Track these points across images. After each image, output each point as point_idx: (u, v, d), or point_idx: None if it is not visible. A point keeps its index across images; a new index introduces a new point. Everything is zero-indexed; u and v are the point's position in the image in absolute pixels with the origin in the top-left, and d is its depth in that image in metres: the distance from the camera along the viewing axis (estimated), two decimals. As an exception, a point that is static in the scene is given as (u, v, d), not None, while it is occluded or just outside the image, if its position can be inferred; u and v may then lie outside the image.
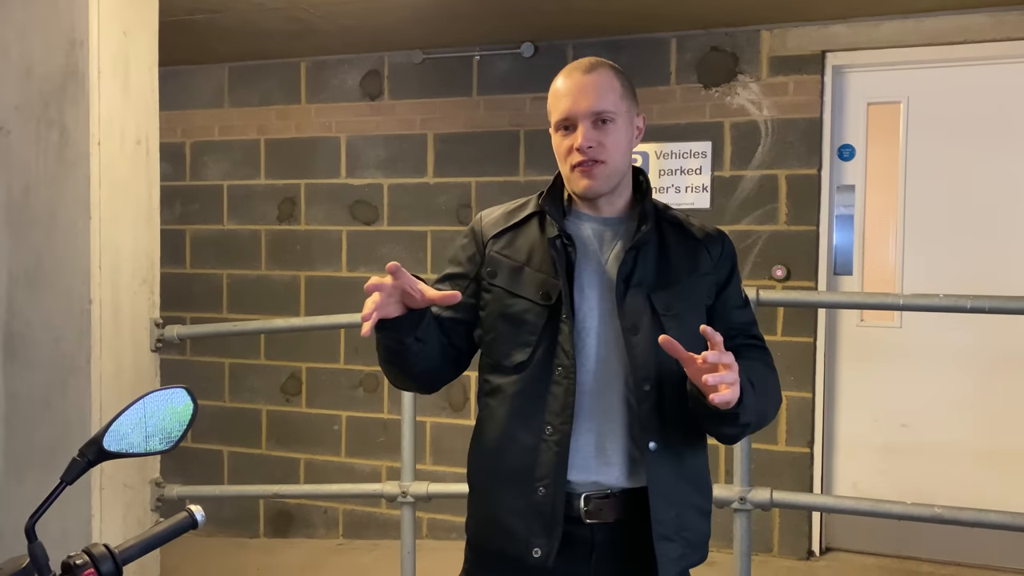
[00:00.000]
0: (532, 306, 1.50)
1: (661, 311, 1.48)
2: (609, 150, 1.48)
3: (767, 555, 3.67)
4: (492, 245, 1.56)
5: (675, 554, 1.47)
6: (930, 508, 2.27)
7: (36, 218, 2.81)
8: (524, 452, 1.47)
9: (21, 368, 2.84)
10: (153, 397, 1.18)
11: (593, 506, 1.46)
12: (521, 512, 1.47)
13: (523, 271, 1.52)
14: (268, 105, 4.39)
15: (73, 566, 1.10)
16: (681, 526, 1.48)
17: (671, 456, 1.48)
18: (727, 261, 1.58)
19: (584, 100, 1.48)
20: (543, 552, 1.45)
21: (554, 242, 1.50)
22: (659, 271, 1.51)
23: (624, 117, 1.51)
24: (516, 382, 1.50)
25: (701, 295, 1.53)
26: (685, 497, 1.50)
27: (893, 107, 3.64)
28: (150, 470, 3.04)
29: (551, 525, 1.45)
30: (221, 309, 4.47)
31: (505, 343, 1.52)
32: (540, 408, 1.47)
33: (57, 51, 2.76)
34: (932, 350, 3.58)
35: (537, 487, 1.46)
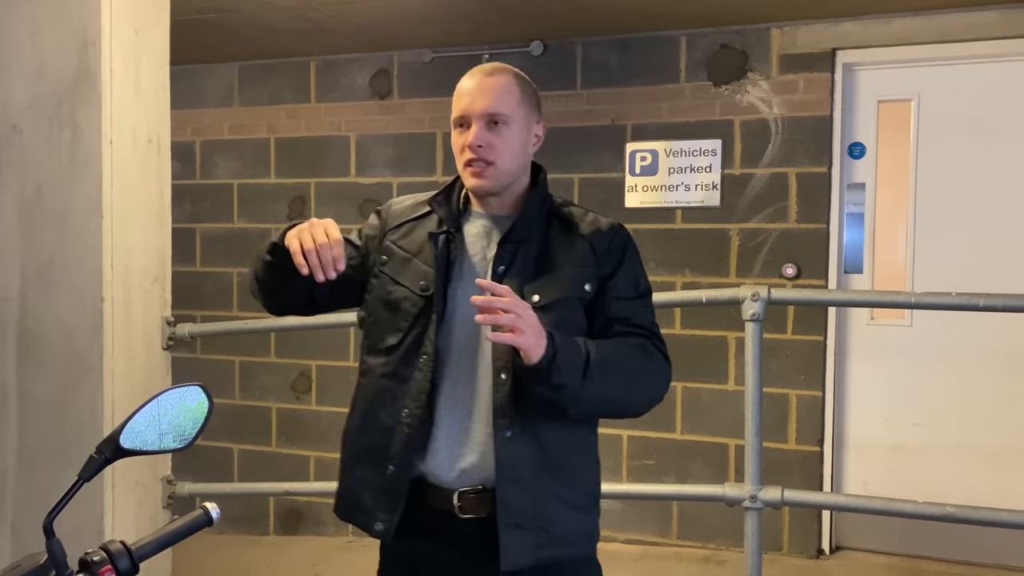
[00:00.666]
0: (411, 295, 1.57)
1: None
2: (499, 151, 1.54)
3: (777, 553, 3.67)
4: (391, 235, 1.63)
5: (527, 543, 1.48)
6: (942, 507, 2.27)
7: (49, 217, 2.82)
8: (383, 431, 1.55)
9: (34, 366, 2.86)
10: (167, 395, 1.19)
11: (466, 502, 1.50)
12: (372, 487, 1.55)
13: (411, 262, 1.59)
14: (278, 104, 4.40)
15: (91, 563, 1.11)
16: (540, 516, 1.49)
17: (530, 444, 1.49)
18: (615, 254, 1.59)
19: (480, 101, 1.54)
20: (384, 526, 1.53)
21: (435, 237, 1.57)
22: (537, 264, 1.55)
23: (520, 122, 1.57)
24: (385, 364, 1.57)
25: (575, 288, 1.54)
26: (546, 487, 1.50)
27: (904, 105, 3.62)
28: (161, 468, 3.05)
29: (395, 502, 1.52)
30: (231, 307, 4.49)
31: (381, 327, 1.59)
32: (402, 392, 1.54)
33: (69, 50, 2.78)
34: (943, 349, 3.57)
35: (387, 465, 1.53)
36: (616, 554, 3.74)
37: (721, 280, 3.72)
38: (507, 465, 1.48)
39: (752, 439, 2.43)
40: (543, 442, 1.51)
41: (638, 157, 3.84)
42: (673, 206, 3.80)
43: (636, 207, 3.84)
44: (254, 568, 3.88)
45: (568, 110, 3.93)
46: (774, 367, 3.63)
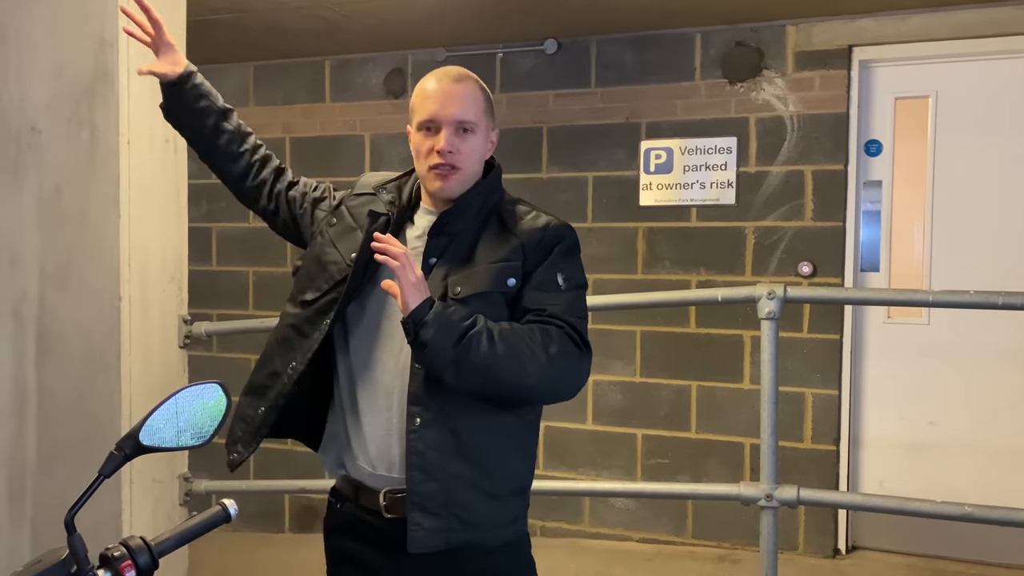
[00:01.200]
0: (340, 261, 1.62)
1: (450, 294, 1.53)
2: (465, 157, 1.59)
3: (792, 553, 3.65)
4: (348, 200, 1.71)
5: (434, 526, 1.49)
6: (960, 507, 2.25)
7: (67, 216, 2.85)
8: (270, 375, 1.65)
9: (53, 364, 2.88)
10: (186, 392, 1.20)
11: (391, 502, 1.55)
12: (245, 419, 1.66)
13: (354, 232, 1.64)
14: (293, 104, 4.42)
15: (111, 558, 1.12)
16: (449, 501, 1.50)
17: (441, 431, 1.50)
18: (543, 250, 1.58)
19: (451, 107, 1.58)
20: (237, 457, 1.67)
21: (375, 216, 1.63)
22: (465, 257, 1.58)
23: (482, 130, 1.62)
24: (296, 316, 1.65)
25: (498, 283, 1.55)
26: (456, 471, 1.51)
27: (921, 102, 3.60)
28: (178, 465, 3.07)
29: (252, 439, 1.64)
30: (247, 306, 4.52)
31: (305, 281, 1.66)
32: (297, 345, 1.62)
33: (87, 51, 2.80)
34: (961, 347, 3.54)
35: (260, 406, 1.64)
36: (630, 553, 3.73)
37: (736, 279, 3.71)
38: (414, 451, 1.50)
39: (768, 438, 2.42)
40: (457, 430, 1.51)
41: (653, 155, 3.83)
42: (688, 204, 3.79)
43: (651, 205, 3.83)
44: (270, 566, 3.90)
45: (582, 108, 3.93)
46: (790, 366, 3.62)
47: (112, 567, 1.11)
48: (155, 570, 1.15)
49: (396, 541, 1.53)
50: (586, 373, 1.58)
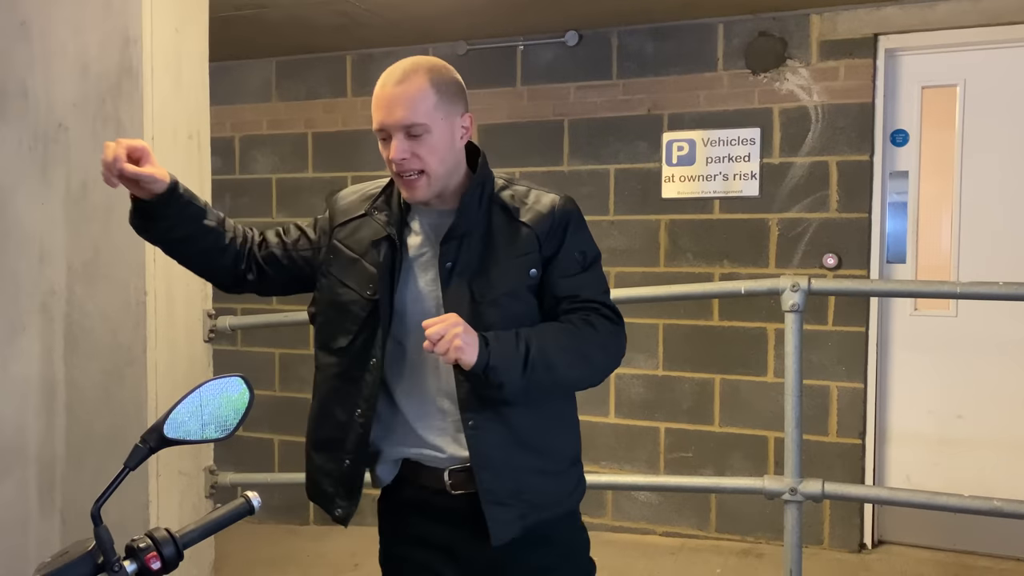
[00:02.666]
0: (359, 298, 1.58)
1: (478, 299, 1.52)
2: (425, 159, 1.51)
3: (818, 547, 3.62)
4: (337, 233, 1.64)
5: (511, 516, 1.54)
6: (988, 501, 2.22)
7: (94, 212, 2.88)
8: (338, 426, 1.61)
9: (81, 358, 2.92)
10: (209, 386, 1.21)
11: (455, 479, 1.55)
12: (331, 475, 1.63)
13: (357, 264, 1.60)
14: (315, 99, 4.44)
15: (137, 549, 1.13)
16: (518, 490, 1.54)
17: (497, 429, 1.53)
18: (557, 233, 1.57)
19: (395, 112, 1.50)
20: (343, 512, 1.63)
21: (380, 243, 1.58)
22: (481, 257, 1.55)
23: (440, 124, 1.52)
24: (337, 364, 1.61)
25: (521, 277, 1.55)
26: (520, 463, 1.54)
27: (949, 90, 3.54)
28: (204, 458, 3.10)
29: (352, 491, 1.61)
30: (271, 300, 4.54)
31: (332, 327, 1.62)
32: (355, 391, 1.58)
33: (112, 48, 2.82)
34: (989, 339, 3.49)
35: (344, 459, 1.60)
36: (654, 546, 3.72)
37: (760, 271, 3.68)
38: (477, 453, 1.52)
39: (792, 431, 2.40)
40: (511, 424, 1.54)
41: (675, 147, 3.80)
42: (711, 196, 3.76)
43: (673, 197, 3.81)
44: (295, 557, 3.93)
45: (604, 100, 3.91)
46: (815, 359, 3.59)
47: (138, 558, 1.13)
48: (180, 561, 1.16)
49: (463, 515, 1.56)
50: (625, 342, 1.63)
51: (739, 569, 3.49)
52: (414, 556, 1.65)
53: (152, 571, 1.13)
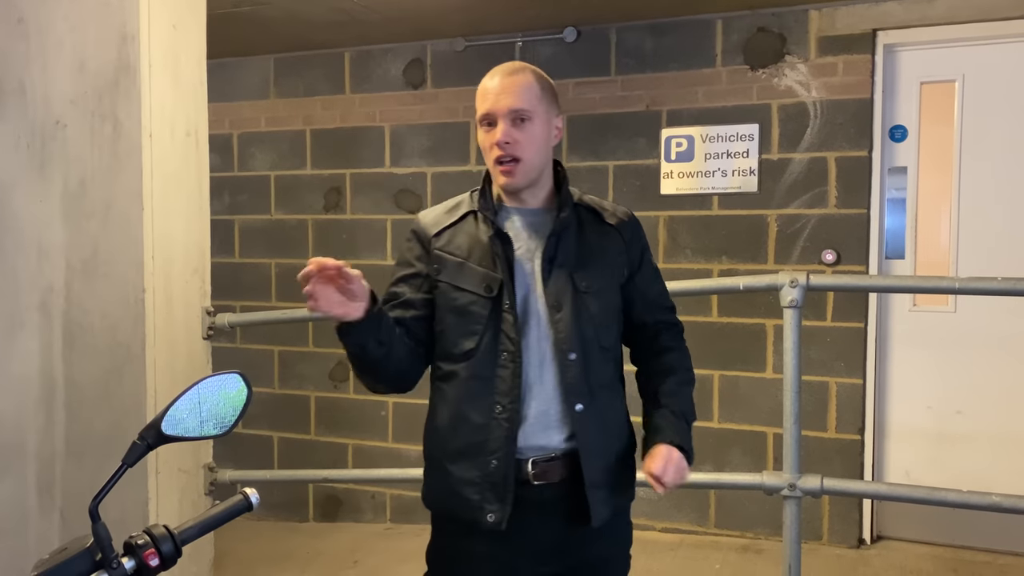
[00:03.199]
0: (477, 298, 1.64)
1: (582, 289, 1.65)
2: (524, 146, 1.63)
3: (817, 543, 3.63)
4: (435, 242, 1.70)
5: (607, 498, 1.64)
6: (987, 496, 2.22)
7: (92, 209, 2.88)
8: (476, 430, 1.62)
9: (79, 355, 2.92)
10: (207, 382, 1.21)
11: (539, 469, 1.62)
12: (475, 482, 1.62)
13: (465, 266, 1.66)
14: (313, 96, 4.43)
15: (135, 546, 1.13)
16: (608, 474, 1.65)
17: (596, 414, 1.64)
18: (638, 242, 1.77)
19: (505, 99, 1.63)
20: (497, 517, 1.61)
21: (493, 240, 1.65)
22: (578, 253, 1.67)
23: (542, 117, 1.65)
24: (466, 368, 1.64)
25: (615, 274, 1.71)
26: (610, 448, 1.67)
27: (947, 86, 3.54)
28: (203, 455, 3.11)
29: (504, 492, 1.61)
30: (270, 297, 4.55)
31: (454, 333, 1.66)
32: (489, 390, 1.62)
33: (109, 45, 2.82)
34: (988, 335, 3.49)
35: (490, 460, 1.61)
36: (653, 542, 3.72)
37: (759, 267, 3.68)
38: (583, 436, 1.62)
39: (791, 427, 2.40)
40: (603, 410, 1.66)
41: (674, 143, 3.80)
42: (710, 192, 3.76)
43: (672, 194, 3.81)
44: (294, 554, 3.93)
45: (602, 96, 3.90)
46: (813, 354, 3.59)
47: (136, 555, 1.13)
48: (178, 558, 1.16)
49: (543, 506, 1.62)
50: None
51: (739, 565, 3.49)
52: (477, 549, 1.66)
53: (150, 568, 1.13)
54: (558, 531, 1.64)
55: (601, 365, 1.67)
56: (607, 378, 1.68)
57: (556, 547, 1.65)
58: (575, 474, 1.62)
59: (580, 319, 1.62)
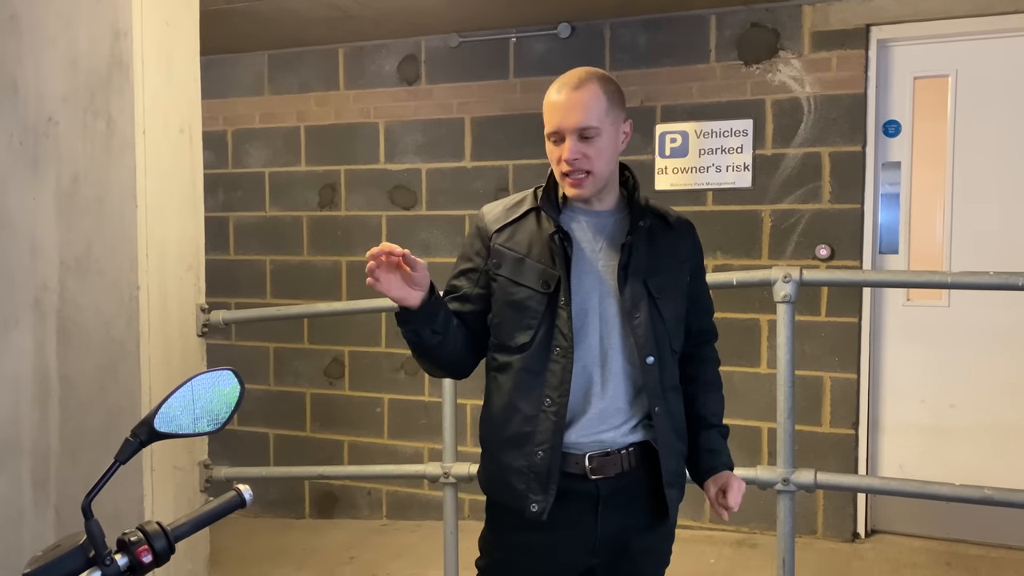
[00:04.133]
0: (534, 294, 1.67)
1: (656, 294, 1.68)
2: (593, 160, 1.65)
3: (811, 537, 3.64)
4: (496, 238, 1.74)
5: (676, 496, 1.72)
6: (979, 490, 2.23)
7: (85, 206, 2.87)
8: (525, 420, 1.67)
9: (74, 353, 2.91)
10: (201, 379, 1.21)
11: (596, 464, 1.66)
12: (521, 472, 1.67)
13: (524, 262, 1.69)
14: (307, 92, 4.43)
15: (128, 543, 1.13)
16: (677, 473, 1.73)
17: (668, 416, 1.70)
18: (698, 249, 1.83)
19: (572, 117, 1.64)
20: (539, 507, 1.64)
21: (553, 237, 1.68)
22: (650, 259, 1.70)
23: (609, 129, 1.67)
24: (520, 360, 1.68)
25: (683, 279, 1.76)
26: (677, 448, 1.74)
27: (941, 81, 3.54)
28: (198, 452, 3.11)
29: (547, 483, 1.64)
30: (265, 295, 4.54)
31: (510, 326, 1.70)
32: (540, 383, 1.66)
33: (102, 42, 2.81)
34: (982, 329, 3.50)
35: (536, 451, 1.65)
36: (648, 537, 3.73)
37: (753, 262, 3.68)
38: (660, 436, 1.68)
39: (784, 421, 2.41)
40: (673, 412, 1.72)
41: (668, 139, 3.80)
42: (704, 188, 3.77)
43: (666, 189, 3.81)
44: (290, 550, 3.94)
45: (597, 92, 3.90)
46: (808, 349, 3.60)
47: (129, 551, 1.13)
48: (172, 554, 1.16)
49: (598, 499, 1.67)
50: None
51: (733, 559, 3.51)
52: (526, 538, 1.70)
53: (144, 564, 1.13)
54: (615, 524, 1.68)
55: (672, 368, 1.73)
56: (676, 379, 1.75)
57: (609, 539, 1.68)
58: (634, 470, 1.67)
59: (655, 324, 1.67)
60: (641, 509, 1.70)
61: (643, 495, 1.69)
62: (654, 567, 1.78)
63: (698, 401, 1.80)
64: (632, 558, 1.72)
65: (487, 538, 1.79)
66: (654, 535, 1.73)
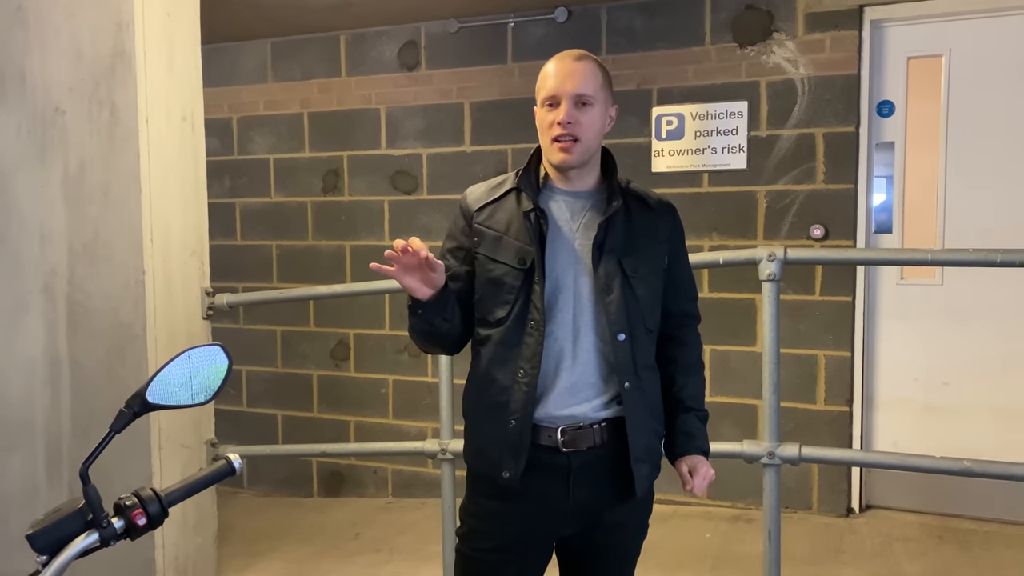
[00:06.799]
0: (510, 270, 1.74)
1: (630, 274, 1.73)
2: (584, 128, 1.71)
3: (806, 512, 3.70)
4: (476, 217, 1.80)
5: (645, 472, 1.75)
6: (958, 462, 2.28)
7: (91, 193, 2.95)
8: (500, 391, 1.73)
9: (83, 336, 3.01)
10: (192, 353, 1.28)
11: (568, 437, 1.71)
12: (495, 440, 1.73)
13: (502, 240, 1.76)
14: (310, 79, 4.49)
15: (123, 507, 1.21)
16: (649, 450, 1.76)
17: (640, 393, 1.74)
18: (679, 231, 1.86)
19: (570, 82, 1.71)
20: (511, 474, 1.71)
21: (528, 215, 1.74)
22: (626, 239, 1.75)
23: (601, 104, 1.74)
24: (497, 333, 1.74)
25: (660, 260, 1.80)
26: (649, 425, 1.77)
27: (934, 61, 3.57)
28: (205, 431, 3.20)
29: (519, 452, 1.71)
30: (271, 279, 4.63)
31: (489, 301, 1.76)
32: (515, 355, 1.72)
33: (105, 33, 2.88)
34: (974, 307, 3.54)
35: (509, 420, 1.71)
36: (646, 513, 3.81)
37: (748, 243, 3.73)
38: (629, 412, 1.72)
39: (770, 397, 2.47)
40: (645, 389, 1.76)
41: (664, 121, 3.85)
42: (700, 170, 3.81)
43: (663, 171, 3.86)
44: (296, 528, 4.04)
45: (593, 76, 3.94)
46: (802, 328, 3.65)
47: (124, 514, 1.21)
48: (165, 518, 1.25)
49: (570, 472, 1.72)
50: None
51: (728, 533, 3.58)
52: (502, 507, 1.76)
53: (138, 527, 1.22)
54: (585, 495, 1.73)
55: (647, 346, 1.77)
56: (651, 358, 1.79)
57: (580, 510, 1.74)
58: (606, 445, 1.72)
59: (628, 303, 1.71)
60: (612, 483, 1.74)
61: (614, 469, 1.73)
62: (631, 538, 1.84)
63: (676, 384, 1.84)
64: (606, 530, 1.78)
65: (466, 507, 1.85)
66: (626, 508, 1.78)
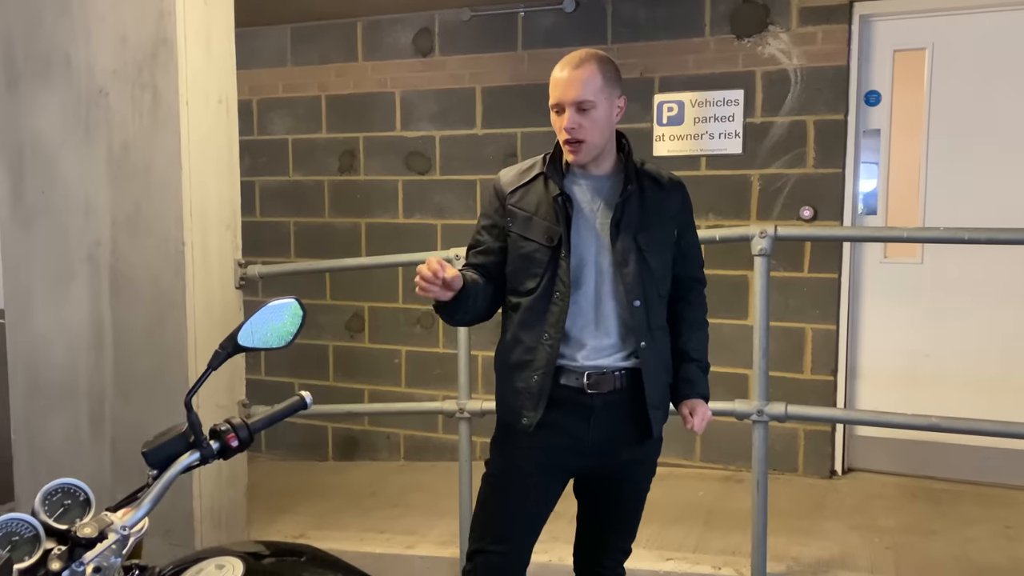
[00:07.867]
0: (540, 247, 1.99)
1: (643, 248, 1.99)
2: (588, 130, 1.94)
3: (792, 474, 3.97)
4: (510, 199, 2.05)
5: (659, 417, 2.05)
6: (927, 418, 2.54)
7: (134, 171, 3.18)
8: (526, 350, 2.01)
9: (125, 303, 3.24)
10: (274, 305, 1.51)
11: (593, 380, 1.98)
12: (519, 392, 2.02)
13: (532, 220, 2.01)
14: (327, 63, 4.70)
15: (219, 432, 1.46)
16: (662, 397, 2.06)
17: (654, 350, 2.02)
18: (688, 206, 2.13)
19: (571, 91, 1.93)
20: (529, 421, 1.99)
21: (556, 199, 1.98)
22: (640, 217, 2.00)
23: (604, 103, 1.94)
24: (527, 301, 2.02)
25: (670, 234, 2.07)
26: (661, 377, 2.06)
27: (918, 54, 3.80)
28: (238, 392, 3.44)
29: (538, 402, 1.99)
30: (289, 254, 4.86)
31: (520, 274, 2.02)
32: (542, 321, 1.99)
33: (148, 20, 3.10)
34: (954, 284, 3.79)
35: (532, 375, 1.99)
36: (644, 475, 4.07)
37: (743, 223, 3.97)
38: (645, 366, 1.99)
39: (759, 361, 2.72)
40: (658, 346, 2.03)
41: (665, 108, 4.08)
42: (698, 154, 4.05)
43: (664, 155, 4.09)
44: (316, 487, 4.29)
45: (599, 64, 4.16)
46: (792, 303, 3.90)
47: (220, 438, 1.45)
48: (251, 443, 1.49)
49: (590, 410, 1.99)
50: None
51: (720, 492, 3.84)
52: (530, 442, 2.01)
53: (231, 448, 1.46)
54: (603, 434, 2.00)
55: (659, 309, 2.03)
56: (662, 320, 2.05)
57: (597, 446, 2.01)
58: (625, 390, 1.99)
59: (643, 273, 1.96)
60: (629, 425, 2.02)
61: (631, 414, 2.01)
62: (642, 474, 2.12)
63: (682, 337, 2.12)
64: (619, 464, 2.05)
65: (492, 446, 2.13)
66: (640, 447, 2.06)
